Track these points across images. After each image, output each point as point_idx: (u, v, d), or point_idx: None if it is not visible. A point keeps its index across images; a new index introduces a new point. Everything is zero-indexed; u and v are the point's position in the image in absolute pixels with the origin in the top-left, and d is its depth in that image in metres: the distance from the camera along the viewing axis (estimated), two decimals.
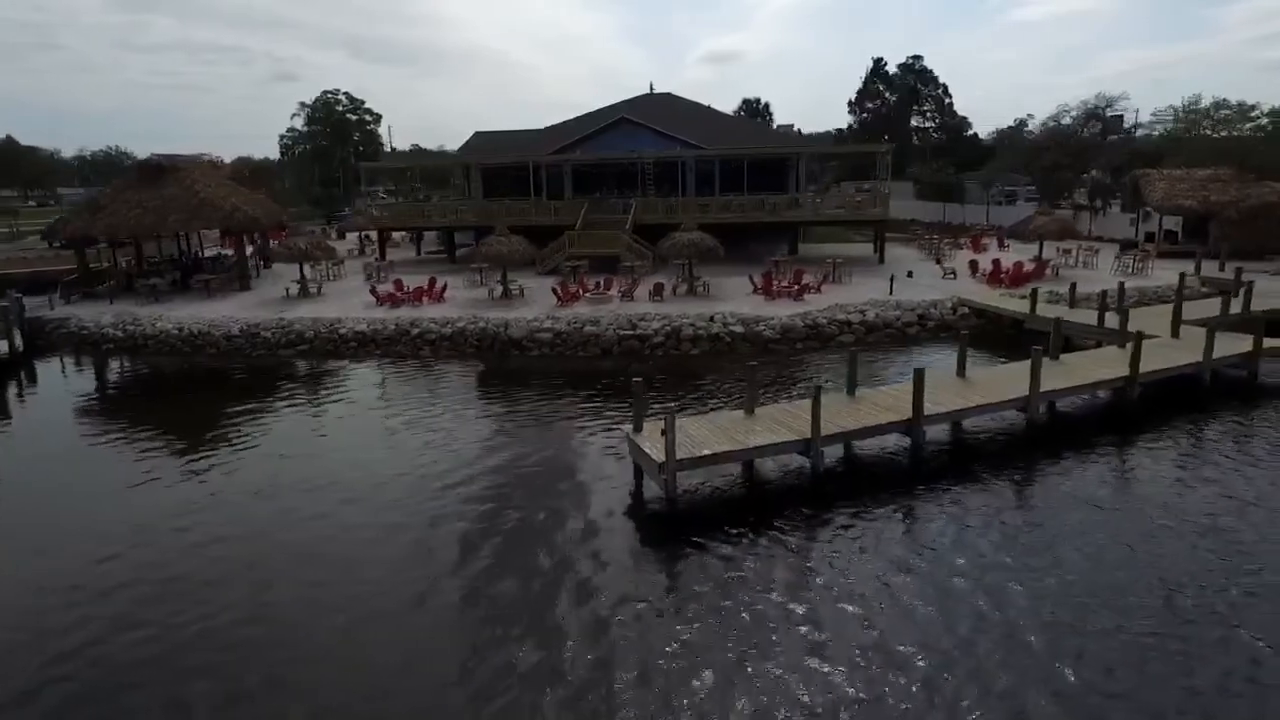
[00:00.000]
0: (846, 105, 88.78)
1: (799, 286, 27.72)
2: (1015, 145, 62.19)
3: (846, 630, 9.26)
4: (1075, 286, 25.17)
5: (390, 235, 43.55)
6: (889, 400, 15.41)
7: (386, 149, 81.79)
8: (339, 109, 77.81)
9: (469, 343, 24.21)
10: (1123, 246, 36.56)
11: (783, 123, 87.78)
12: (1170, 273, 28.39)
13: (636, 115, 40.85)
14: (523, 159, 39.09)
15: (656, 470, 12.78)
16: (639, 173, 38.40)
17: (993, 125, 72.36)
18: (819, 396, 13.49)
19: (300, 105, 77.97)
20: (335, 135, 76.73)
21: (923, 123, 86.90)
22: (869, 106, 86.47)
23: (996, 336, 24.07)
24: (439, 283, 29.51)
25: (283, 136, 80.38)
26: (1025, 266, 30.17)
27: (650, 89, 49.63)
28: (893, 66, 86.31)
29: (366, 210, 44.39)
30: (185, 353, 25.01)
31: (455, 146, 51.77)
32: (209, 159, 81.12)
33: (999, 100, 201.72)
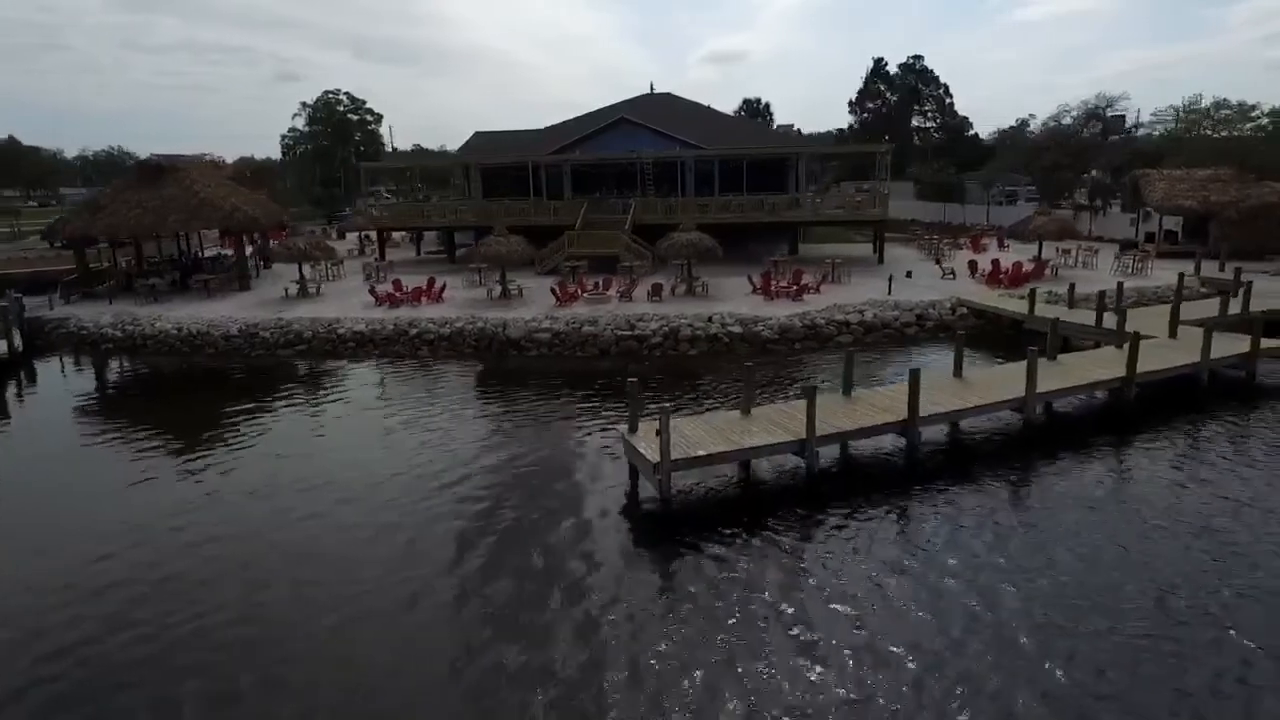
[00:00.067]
0: (847, 105, 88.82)
1: (798, 287, 27.71)
2: (1016, 145, 62.13)
3: (838, 631, 9.26)
4: (1074, 287, 25.15)
5: (390, 235, 43.61)
6: (885, 401, 15.40)
7: (388, 149, 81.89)
8: (340, 109, 77.84)
9: (467, 343, 24.23)
10: (1122, 247, 36.51)
11: (783, 123, 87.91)
12: (1170, 273, 28.35)
13: (636, 115, 40.88)
14: (522, 159, 39.12)
15: (651, 470, 12.79)
16: (638, 173, 38.40)
17: (995, 126, 72.31)
18: (814, 397, 13.49)
19: (301, 105, 78.10)
20: (336, 135, 76.73)
21: (924, 123, 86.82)
22: (869, 106, 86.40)
23: (996, 337, 24.05)
24: (438, 283, 29.53)
25: (284, 136, 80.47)
26: (1024, 267, 30.14)
27: (651, 89, 49.71)
28: (894, 67, 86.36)
29: (366, 210, 44.43)
30: (184, 353, 25.05)
31: (458, 146, 51.76)
32: (211, 159, 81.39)
33: (1001, 100, 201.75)
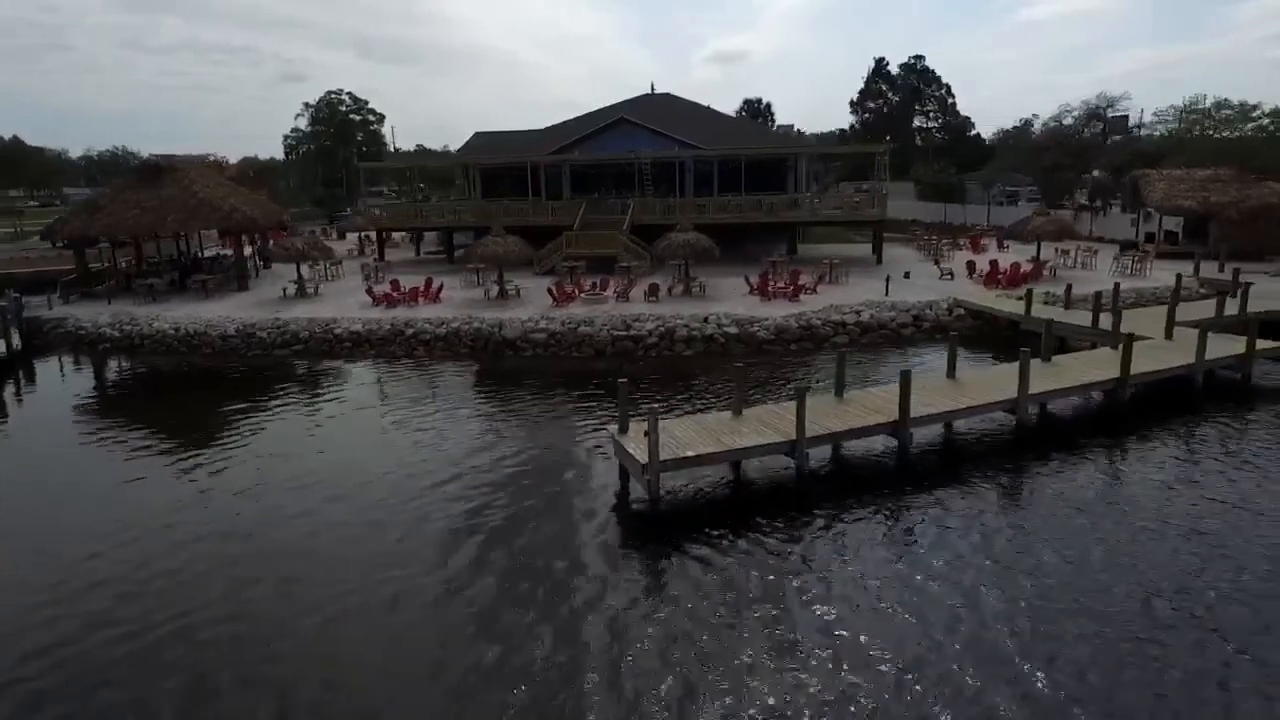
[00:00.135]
0: (849, 105, 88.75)
1: (795, 287, 27.68)
2: (1018, 146, 62.01)
3: (820, 632, 9.24)
4: (1070, 288, 25.07)
5: (390, 236, 43.68)
6: (877, 402, 15.36)
7: (390, 149, 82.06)
8: (342, 109, 78.09)
9: (463, 343, 24.25)
10: (1122, 247, 36.42)
11: (784, 123, 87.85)
12: (1168, 274, 28.25)
13: (635, 116, 40.89)
14: (521, 159, 39.15)
15: (640, 471, 12.78)
16: (637, 173, 38.41)
17: (1000, 126, 72.03)
18: (803, 398, 13.47)
19: (304, 106, 78.44)
20: (338, 135, 76.96)
21: (926, 123, 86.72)
22: (870, 106, 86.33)
23: (993, 338, 23.99)
24: (435, 283, 29.55)
25: (287, 137, 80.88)
26: (1022, 267, 30.09)
27: (651, 89, 49.73)
28: (896, 67, 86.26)
29: (366, 210, 44.52)
30: (181, 353, 25.12)
31: (460, 147, 51.81)
32: (214, 159, 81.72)
33: (1005, 100, 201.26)
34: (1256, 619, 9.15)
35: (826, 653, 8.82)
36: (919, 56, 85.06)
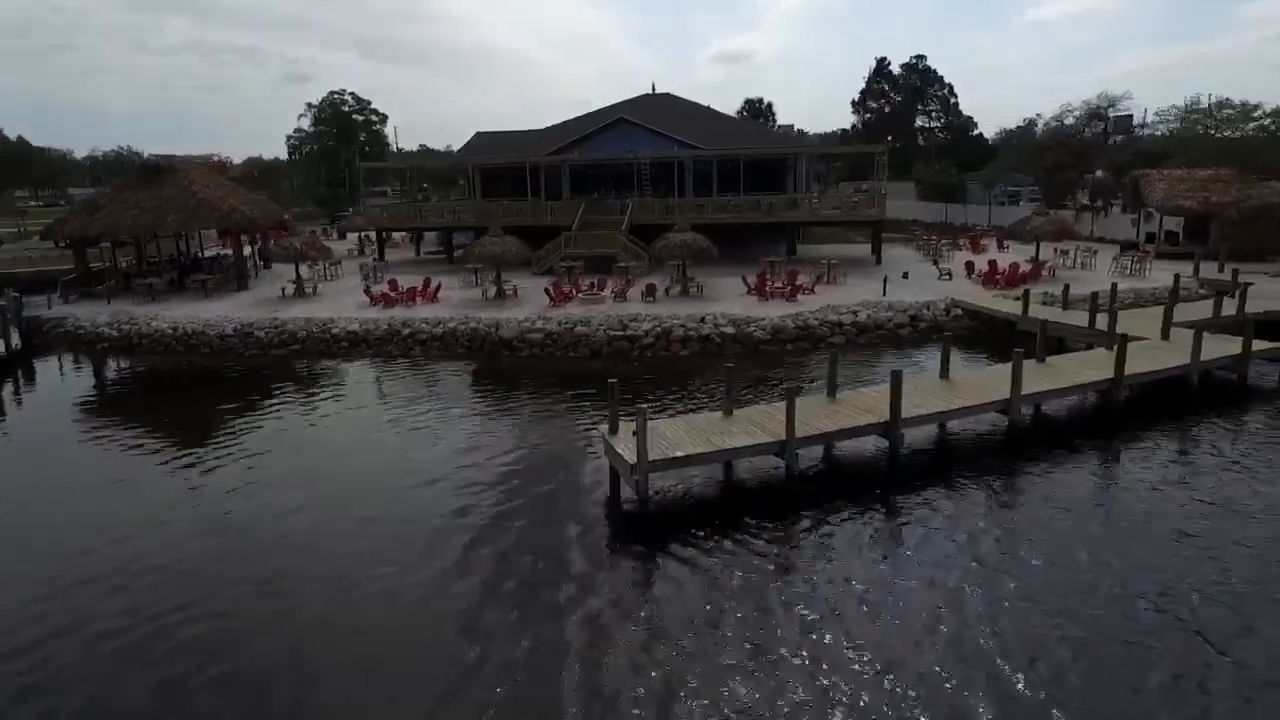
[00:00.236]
0: (850, 105, 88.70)
1: (792, 287, 27.67)
2: (1020, 145, 61.87)
3: (803, 634, 9.24)
4: (1068, 288, 25.02)
5: (390, 235, 43.78)
6: (868, 402, 15.34)
7: (393, 149, 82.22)
8: (345, 109, 78.27)
9: (460, 343, 24.31)
10: (1122, 248, 36.32)
11: (786, 123, 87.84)
12: (1168, 274, 28.16)
13: (635, 116, 40.91)
14: (521, 159, 39.20)
15: (629, 471, 12.78)
16: (636, 173, 38.44)
17: (1004, 126, 71.68)
18: (794, 398, 13.47)
19: (307, 106, 78.62)
20: (341, 136, 77.15)
21: (928, 123, 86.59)
22: (872, 106, 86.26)
23: (990, 338, 23.93)
24: (433, 283, 29.61)
25: (290, 137, 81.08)
26: (1021, 268, 30.03)
27: (652, 89, 49.78)
28: (898, 67, 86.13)
29: (367, 210, 44.64)
30: (179, 352, 25.22)
31: (462, 147, 51.91)
32: (218, 159, 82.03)
33: (1009, 100, 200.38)
34: (1239, 621, 9.13)
35: (808, 653, 8.82)
36: (920, 56, 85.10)
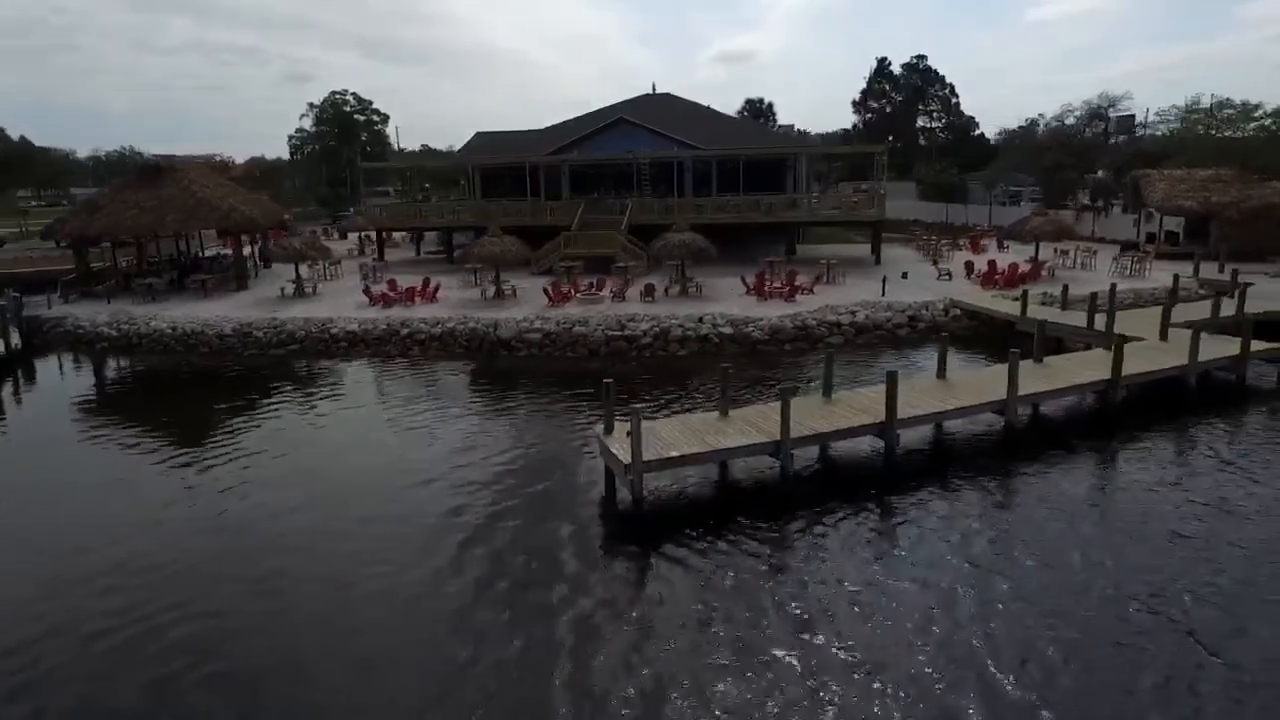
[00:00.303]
0: (851, 105, 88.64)
1: (791, 288, 27.66)
2: (1022, 145, 61.77)
3: (793, 634, 9.24)
4: (1067, 288, 25.00)
5: (390, 235, 43.81)
6: (864, 403, 15.32)
7: (395, 149, 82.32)
8: (346, 109, 78.41)
9: (458, 343, 24.32)
10: (1122, 248, 36.26)
11: (786, 123, 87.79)
12: (1168, 274, 28.10)
13: (635, 116, 40.90)
14: (520, 159, 39.21)
15: (624, 471, 12.78)
16: (635, 173, 38.44)
17: (1005, 125, 71.47)
18: (788, 399, 13.46)
19: (309, 106, 78.78)
20: (343, 135, 77.28)
21: (929, 123, 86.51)
22: (873, 106, 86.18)
23: (989, 338, 23.89)
24: (432, 283, 29.63)
25: (292, 137, 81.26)
26: (1020, 268, 29.99)
27: (652, 89, 49.77)
28: (899, 67, 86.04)
29: (367, 210, 44.69)
30: (178, 352, 25.26)
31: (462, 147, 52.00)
32: (220, 159, 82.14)
33: (1010, 100, 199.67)
34: (1231, 622, 9.11)
35: (798, 654, 8.82)
36: (921, 56, 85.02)
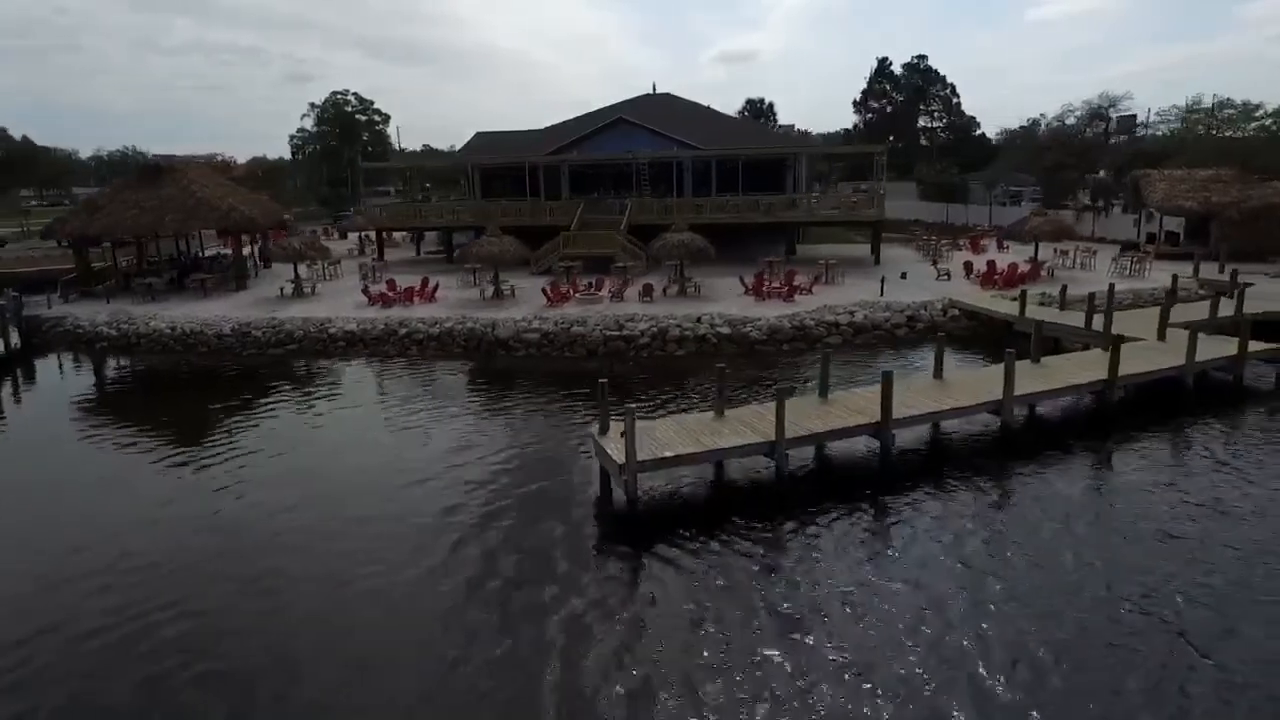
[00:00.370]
0: (852, 105, 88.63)
1: (790, 288, 27.65)
2: (1023, 146, 61.73)
3: (785, 634, 9.23)
4: (1065, 289, 24.98)
5: (390, 235, 43.85)
6: (860, 403, 15.31)
7: (396, 149, 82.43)
8: (347, 109, 78.54)
9: (456, 343, 24.35)
10: (1122, 248, 36.22)
11: (787, 123, 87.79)
12: (1168, 274, 28.06)
13: (635, 116, 40.92)
14: (520, 159, 39.24)
15: (618, 471, 12.79)
16: (635, 173, 38.45)
17: (1007, 125, 71.40)
18: (784, 399, 13.46)
19: (310, 106, 78.94)
20: (344, 135, 77.41)
21: (930, 123, 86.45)
22: (874, 106, 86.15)
23: (988, 338, 23.87)
24: (431, 283, 29.66)
25: (293, 137, 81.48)
26: (1020, 268, 29.97)
27: (652, 89, 49.78)
28: (900, 67, 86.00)
29: (367, 210, 44.75)
30: (177, 351, 25.30)
31: (462, 147, 52.06)
32: (221, 159, 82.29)
33: (1011, 100, 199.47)
34: (1222, 623, 9.10)
35: (789, 654, 8.82)
36: (922, 56, 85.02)
